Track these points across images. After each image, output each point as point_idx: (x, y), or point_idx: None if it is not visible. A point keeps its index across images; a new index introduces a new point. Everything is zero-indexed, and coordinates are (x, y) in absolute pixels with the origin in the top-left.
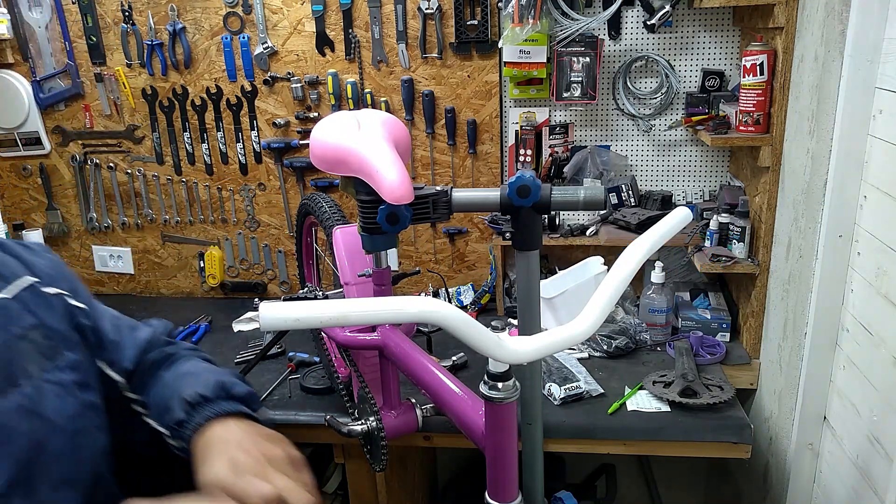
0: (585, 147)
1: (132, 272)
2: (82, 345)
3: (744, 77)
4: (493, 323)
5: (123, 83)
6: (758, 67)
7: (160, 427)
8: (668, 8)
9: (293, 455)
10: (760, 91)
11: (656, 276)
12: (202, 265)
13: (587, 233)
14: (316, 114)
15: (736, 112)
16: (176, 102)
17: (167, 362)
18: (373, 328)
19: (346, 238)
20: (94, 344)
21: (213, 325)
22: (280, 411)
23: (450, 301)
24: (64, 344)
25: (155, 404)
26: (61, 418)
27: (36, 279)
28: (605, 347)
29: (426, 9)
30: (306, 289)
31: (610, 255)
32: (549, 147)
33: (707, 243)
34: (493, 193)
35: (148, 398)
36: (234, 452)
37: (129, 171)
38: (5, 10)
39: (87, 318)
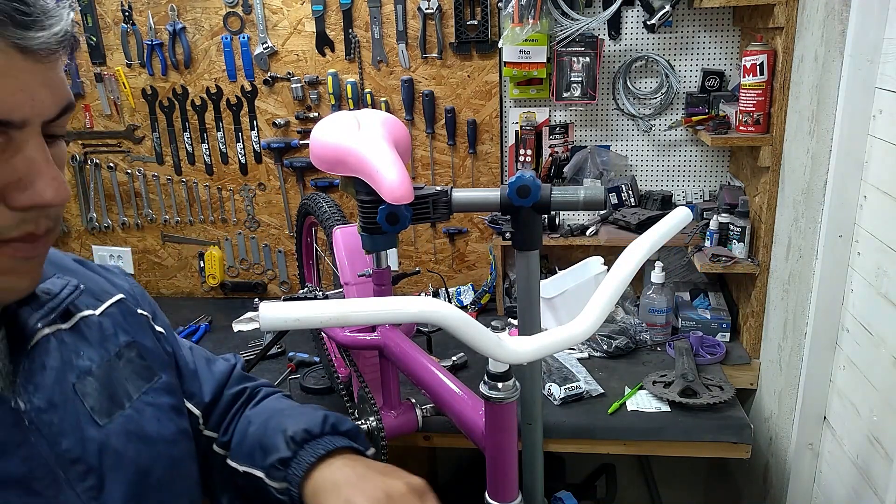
0: (585, 147)
1: (132, 272)
2: (171, 368)
3: (744, 77)
4: (493, 323)
5: (123, 83)
6: (758, 67)
7: (252, 469)
8: (668, 8)
9: (415, 484)
10: (760, 91)
11: (656, 276)
12: (202, 265)
13: (587, 233)
14: (316, 114)
15: (736, 112)
16: (176, 102)
17: (249, 399)
18: (373, 328)
19: (346, 238)
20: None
21: (213, 325)
22: None
23: (450, 301)
24: (157, 364)
25: (241, 444)
26: (162, 444)
27: (123, 296)
28: (605, 347)
29: (426, 9)
30: (306, 289)
31: (610, 255)
32: (549, 147)
33: (707, 243)
34: (493, 193)
35: (229, 437)
36: (354, 495)
37: (129, 171)
38: None
39: (168, 345)
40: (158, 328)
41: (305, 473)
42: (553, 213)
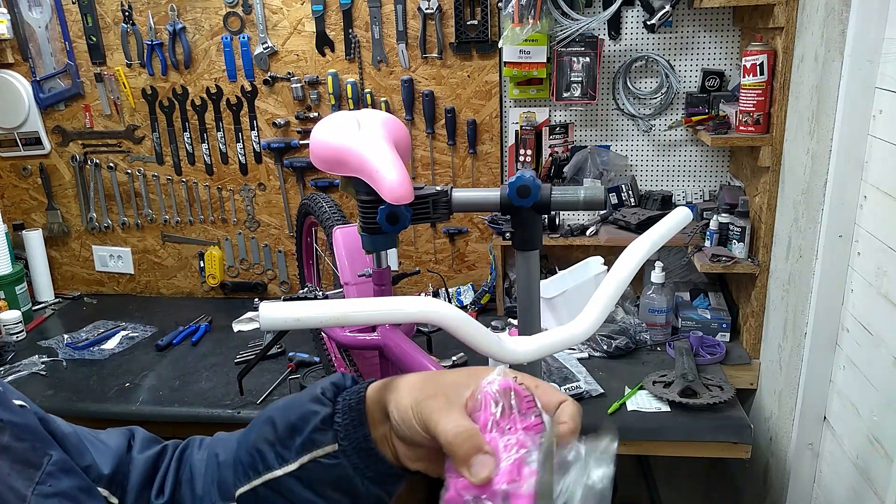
0: (585, 147)
1: (132, 272)
2: (53, 442)
3: (744, 77)
4: (493, 323)
5: (123, 83)
6: (758, 67)
7: (265, 474)
8: (668, 8)
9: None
10: (760, 91)
11: (656, 276)
12: (202, 265)
13: (587, 233)
14: (316, 114)
15: (736, 112)
16: (176, 102)
17: (183, 451)
18: (373, 328)
19: (346, 238)
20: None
21: (213, 325)
22: None
23: (450, 301)
24: (41, 441)
25: (214, 477)
26: None
27: None
28: (605, 347)
29: (426, 9)
30: (306, 289)
31: (610, 255)
32: (549, 147)
33: (707, 243)
34: (493, 193)
35: (175, 494)
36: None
37: (129, 171)
38: (5, 10)
39: (34, 414)
40: (18, 402)
41: (362, 398)
42: (553, 213)
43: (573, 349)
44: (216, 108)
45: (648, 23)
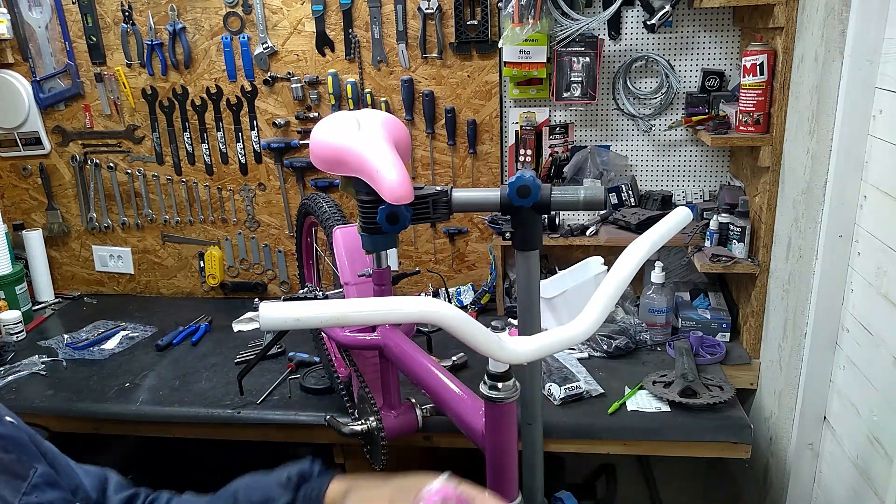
0: (585, 147)
1: (132, 272)
2: (41, 457)
3: (744, 77)
4: (493, 323)
5: (123, 83)
6: (758, 67)
7: None
8: (668, 8)
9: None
10: (760, 91)
11: (656, 276)
12: (202, 265)
13: (587, 233)
14: (316, 114)
15: (736, 112)
16: (176, 102)
17: (153, 501)
18: (373, 328)
19: (346, 238)
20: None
21: (213, 325)
22: (280, 411)
23: (450, 301)
24: (28, 455)
25: None
26: None
27: None
28: (605, 347)
29: (426, 9)
30: (306, 289)
31: (610, 255)
32: (549, 147)
33: (707, 243)
34: (493, 193)
35: None
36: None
37: (129, 171)
38: (5, 10)
39: (25, 431)
40: (8, 418)
41: (322, 494)
42: (553, 213)
43: (573, 349)
44: (216, 108)
45: (648, 23)
